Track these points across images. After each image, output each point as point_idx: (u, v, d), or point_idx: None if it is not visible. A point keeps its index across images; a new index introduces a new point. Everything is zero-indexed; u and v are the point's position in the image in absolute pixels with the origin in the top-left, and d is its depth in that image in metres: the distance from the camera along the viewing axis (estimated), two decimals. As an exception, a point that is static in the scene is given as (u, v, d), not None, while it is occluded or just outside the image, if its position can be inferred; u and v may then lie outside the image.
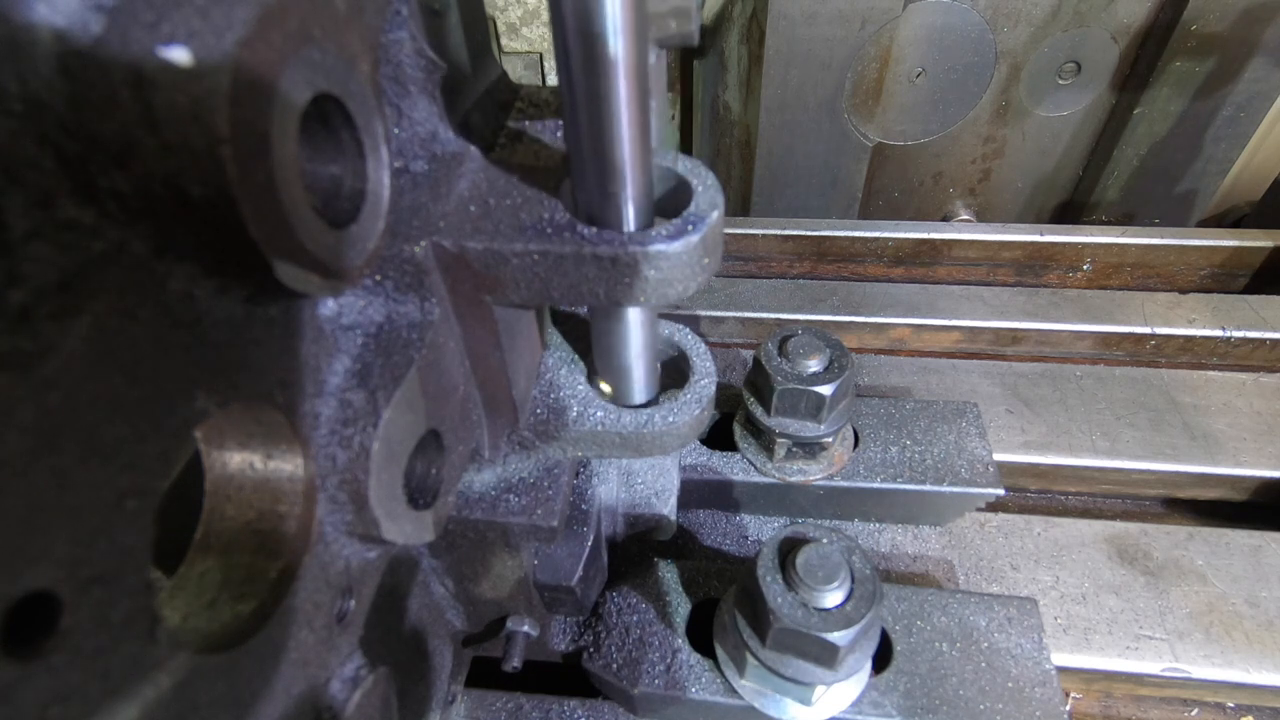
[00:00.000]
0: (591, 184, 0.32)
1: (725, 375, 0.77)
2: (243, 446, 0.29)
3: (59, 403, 0.19)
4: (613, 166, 0.31)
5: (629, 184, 0.32)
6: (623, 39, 0.27)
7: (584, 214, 0.34)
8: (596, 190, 0.32)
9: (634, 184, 0.32)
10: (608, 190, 0.32)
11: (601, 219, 0.33)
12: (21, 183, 0.18)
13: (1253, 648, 0.58)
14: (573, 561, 0.52)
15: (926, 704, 0.50)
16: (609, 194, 0.32)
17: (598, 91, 0.28)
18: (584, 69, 0.28)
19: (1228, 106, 0.98)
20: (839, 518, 0.68)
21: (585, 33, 0.27)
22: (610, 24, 0.26)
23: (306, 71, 0.24)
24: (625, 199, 0.32)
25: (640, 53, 0.28)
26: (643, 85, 0.29)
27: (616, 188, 0.32)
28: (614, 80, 0.28)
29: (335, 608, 0.33)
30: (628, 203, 0.32)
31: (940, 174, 1.14)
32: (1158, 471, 0.72)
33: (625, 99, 0.29)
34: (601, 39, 0.27)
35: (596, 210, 0.33)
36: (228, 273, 0.24)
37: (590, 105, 0.29)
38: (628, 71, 0.28)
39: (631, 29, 0.27)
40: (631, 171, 0.31)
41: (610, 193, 0.32)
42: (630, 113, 0.29)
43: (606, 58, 0.27)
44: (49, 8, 0.18)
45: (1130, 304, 0.88)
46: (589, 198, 0.33)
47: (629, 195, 0.32)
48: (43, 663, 0.19)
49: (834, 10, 0.92)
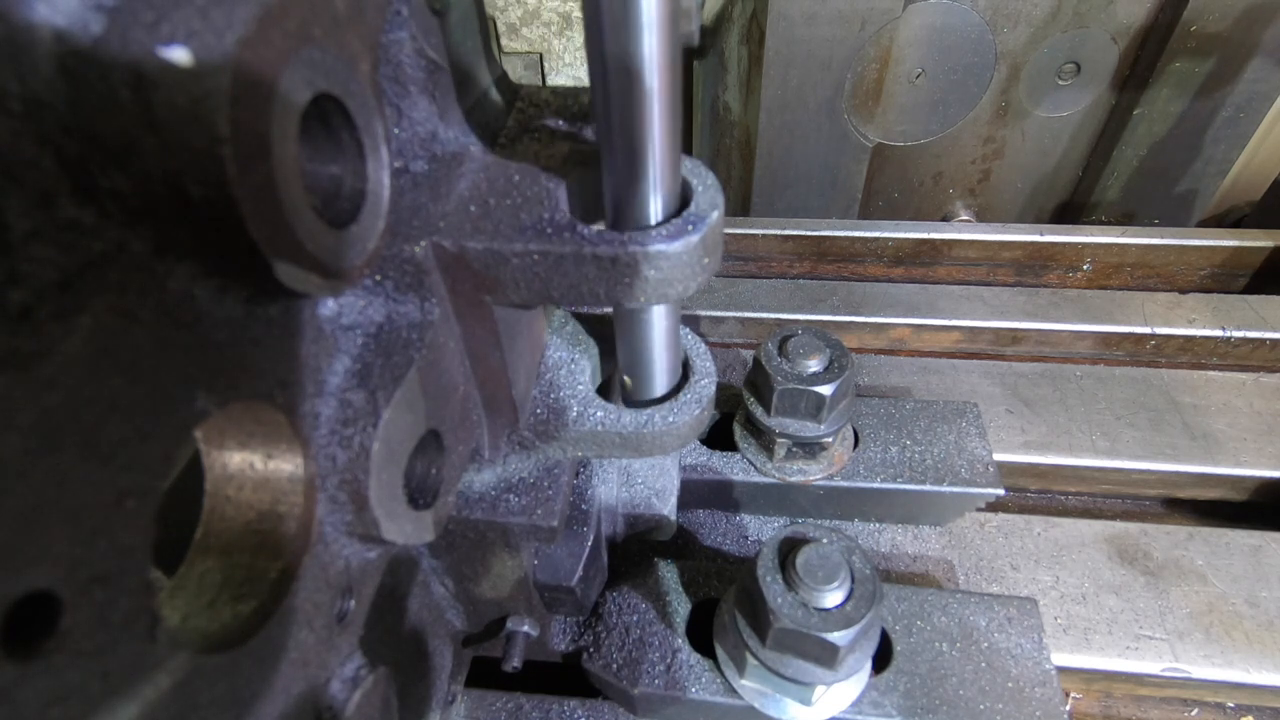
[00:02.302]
0: (623, 181, 0.32)
1: (725, 375, 0.77)
2: (243, 446, 0.29)
3: (59, 403, 0.19)
4: (644, 164, 0.31)
5: (660, 182, 0.32)
6: (657, 37, 0.27)
7: (610, 212, 0.34)
8: (628, 187, 0.32)
9: (664, 182, 0.33)
10: (639, 187, 0.32)
11: (628, 217, 0.34)
12: (21, 183, 0.18)
13: (1253, 648, 0.58)
14: (573, 561, 0.52)
15: (926, 704, 0.50)
16: (639, 191, 0.32)
17: (633, 90, 0.29)
18: (620, 70, 0.28)
19: (1227, 107, 0.98)
20: (839, 518, 0.68)
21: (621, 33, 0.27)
22: (645, 23, 0.27)
23: (306, 71, 0.24)
24: (654, 195, 0.33)
25: (674, 51, 0.28)
26: (675, 83, 0.29)
27: (646, 186, 0.32)
28: (648, 79, 0.28)
29: (335, 608, 0.33)
30: (657, 198, 0.33)
31: (940, 174, 1.14)
32: (1158, 471, 0.72)
33: (659, 98, 0.29)
34: (636, 40, 0.27)
35: (625, 207, 0.33)
36: (228, 273, 0.24)
37: (624, 104, 0.29)
38: (662, 70, 0.28)
39: (665, 28, 0.27)
40: (663, 170, 0.32)
41: (642, 189, 0.32)
42: (663, 111, 0.30)
43: (642, 57, 0.28)
44: (49, 8, 0.18)
45: (1130, 304, 0.88)
46: (618, 195, 0.33)
47: (660, 193, 0.33)
48: (43, 663, 0.19)
49: (834, 11, 0.92)
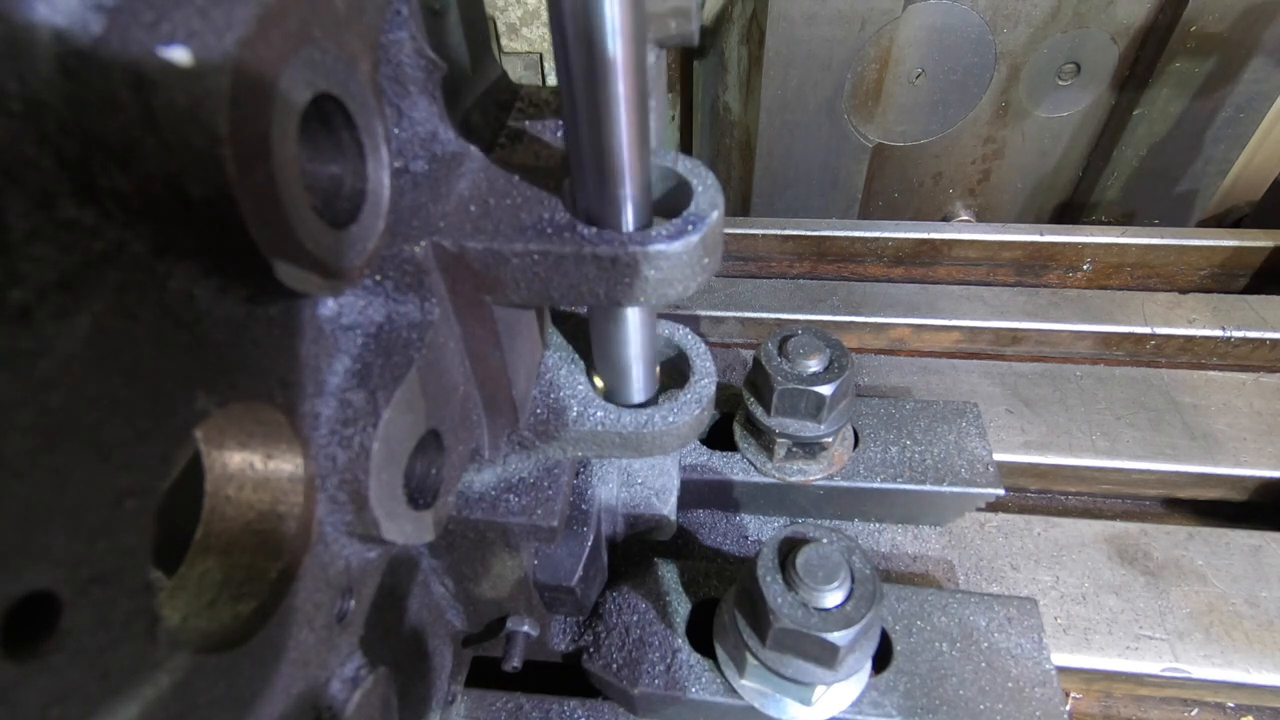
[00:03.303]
0: (590, 184, 0.32)
1: (725, 375, 0.76)
2: (243, 446, 0.29)
3: (59, 403, 0.19)
4: (612, 167, 0.31)
5: (628, 184, 0.32)
6: (621, 39, 0.27)
7: (583, 214, 0.34)
8: (595, 190, 0.32)
9: (633, 184, 0.32)
10: (607, 190, 0.32)
11: (601, 219, 0.33)
12: (21, 183, 0.18)
13: (1253, 648, 0.58)
14: (573, 561, 0.52)
15: (926, 704, 0.50)
16: (608, 194, 0.32)
17: (596, 92, 0.28)
18: (583, 70, 0.28)
19: (1227, 107, 0.98)
20: (839, 518, 0.68)
21: (584, 33, 0.27)
22: (609, 25, 0.26)
23: (306, 71, 0.24)
24: (624, 199, 0.32)
25: (639, 53, 0.28)
26: (642, 86, 0.29)
27: (615, 188, 0.32)
28: (613, 81, 0.28)
29: (335, 608, 0.33)
30: (627, 202, 0.32)
31: (940, 175, 1.14)
32: (1158, 471, 0.72)
33: (624, 99, 0.29)
34: (600, 39, 0.27)
35: (595, 210, 0.33)
36: (228, 273, 0.24)
37: (589, 106, 0.29)
38: (626, 72, 0.28)
39: (630, 30, 0.27)
40: (631, 172, 0.31)
41: (609, 193, 0.32)
42: (629, 113, 0.29)
43: (605, 58, 0.27)
44: (49, 8, 0.18)
45: (1130, 304, 0.88)
46: (588, 198, 0.33)
47: (628, 195, 0.32)
48: (43, 663, 0.19)
49: (834, 11, 0.92)
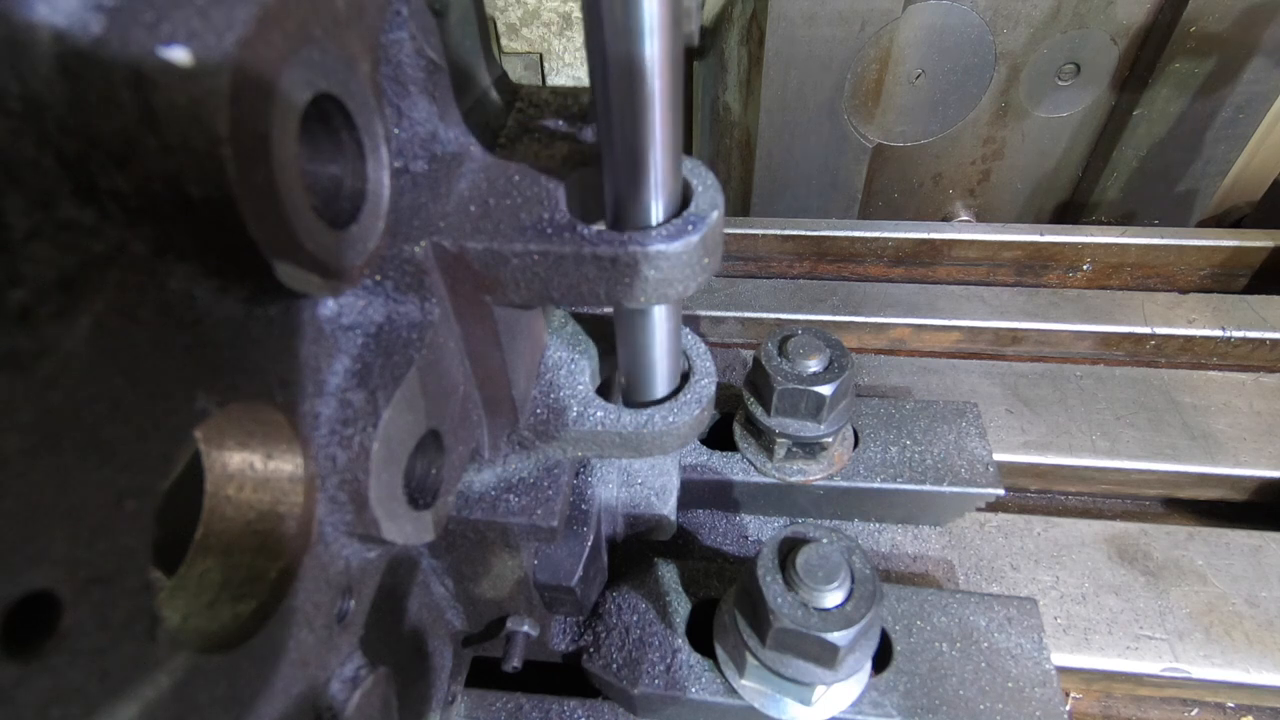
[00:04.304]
0: (623, 182, 0.32)
1: (725, 375, 0.76)
2: (243, 446, 0.29)
3: (59, 403, 0.19)
4: (644, 165, 0.31)
5: (660, 181, 0.32)
6: (658, 40, 0.27)
7: (611, 212, 0.34)
8: (627, 188, 0.32)
9: (665, 182, 0.33)
10: (639, 188, 0.32)
11: (629, 217, 0.34)
12: (21, 183, 0.18)
13: (1253, 648, 0.58)
14: (573, 561, 0.52)
15: (926, 704, 0.50)
16: (640, 192, 0.32)
17: (634, 92, 0.29)
18: (622, 71, 0.28)
19: (1227, 107, 0.98)
20: (839, 518, 0.68)
21: (622, 33, 0.27)
22: (646, 26, 0.27)
23: (306, 71, 0.24)
24: (654, 197, 0.33)
25: (675, 53, 0.28)
26: (676, 85, 0.29)
27: (646, 186, 0.32)
28: (649, 81, 0.28)
29: (335, 608, 0.33)
30: (658, 200, 0.33)
31: (940, 175, 1.14)
32: (1158, 471, 0.72)
33: (659, 99, 0.29)
34: (638, 40, 0.27)
35: (625, 207, 0.33)
36: (228, 273, 0.24)
37: (624, 106, 0.29)
38: (663, 72, 0.28)
39: (666, 30, 0.27)
40: (664, 170, 0.32)
41: (641, 191, 0.32)
42: (664, 112, 0.30)
43: (641, 59, 0.28)
44: (49, 8, 0.18)
45: (1130, 304, 0.88)
46: (618, 195, 0.33)
47: (659, 193, 0.33)
48: (43, 663, 0.19)
49: (834, 11, 0.92)
